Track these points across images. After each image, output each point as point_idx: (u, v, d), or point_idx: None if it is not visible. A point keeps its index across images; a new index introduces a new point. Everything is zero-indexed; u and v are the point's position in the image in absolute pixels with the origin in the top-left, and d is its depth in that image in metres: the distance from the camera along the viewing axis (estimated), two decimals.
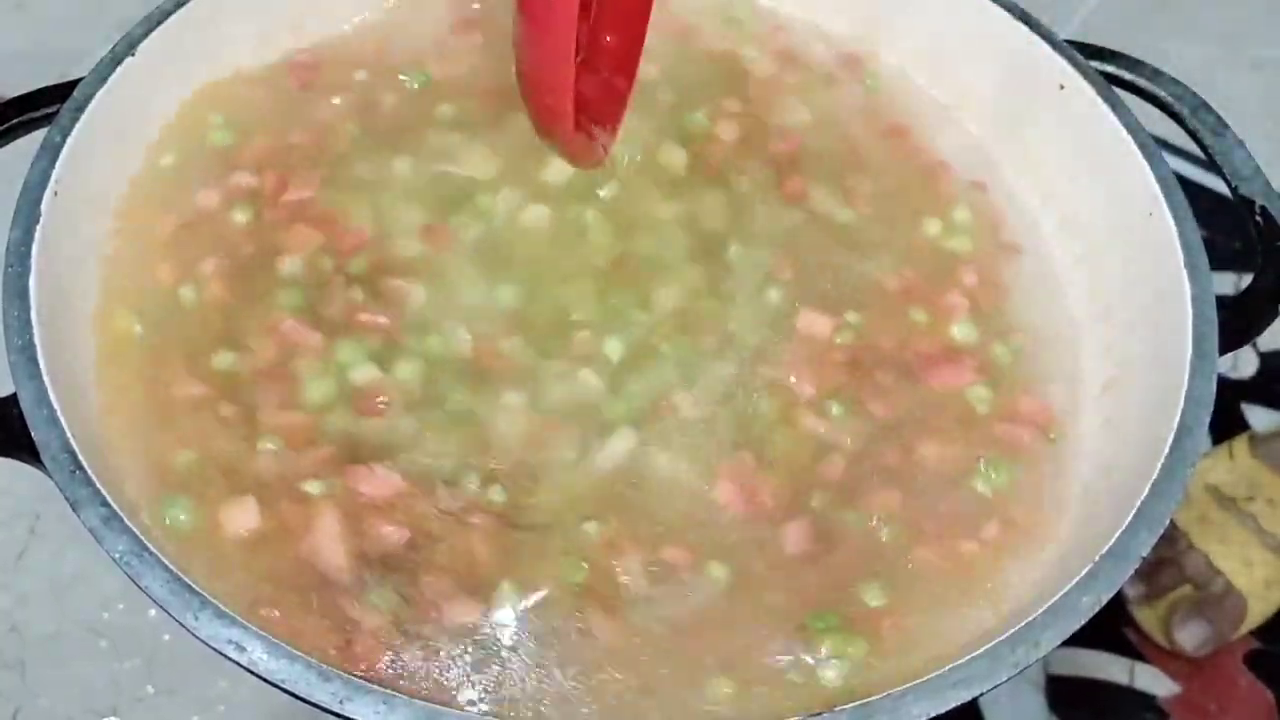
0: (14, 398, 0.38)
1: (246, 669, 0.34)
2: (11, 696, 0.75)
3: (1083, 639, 0.39)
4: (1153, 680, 0.79)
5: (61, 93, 0.45)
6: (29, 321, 0.40)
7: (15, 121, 0.45)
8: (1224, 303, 0.44)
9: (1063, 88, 0.50)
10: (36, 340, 0.39)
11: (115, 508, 0.36)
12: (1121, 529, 0.38)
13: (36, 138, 0.45)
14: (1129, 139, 0.48)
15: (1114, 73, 0.51)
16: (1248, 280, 0.46)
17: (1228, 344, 0.43)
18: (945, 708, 0.35)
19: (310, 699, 0.34)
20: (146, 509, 0.40)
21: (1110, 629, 0.80)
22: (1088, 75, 0.50)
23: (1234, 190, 0.47)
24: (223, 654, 0.34)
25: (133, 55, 0.47)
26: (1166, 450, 0.40)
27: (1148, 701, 0.78)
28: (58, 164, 0.43)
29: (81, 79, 0.46)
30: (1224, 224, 0.67)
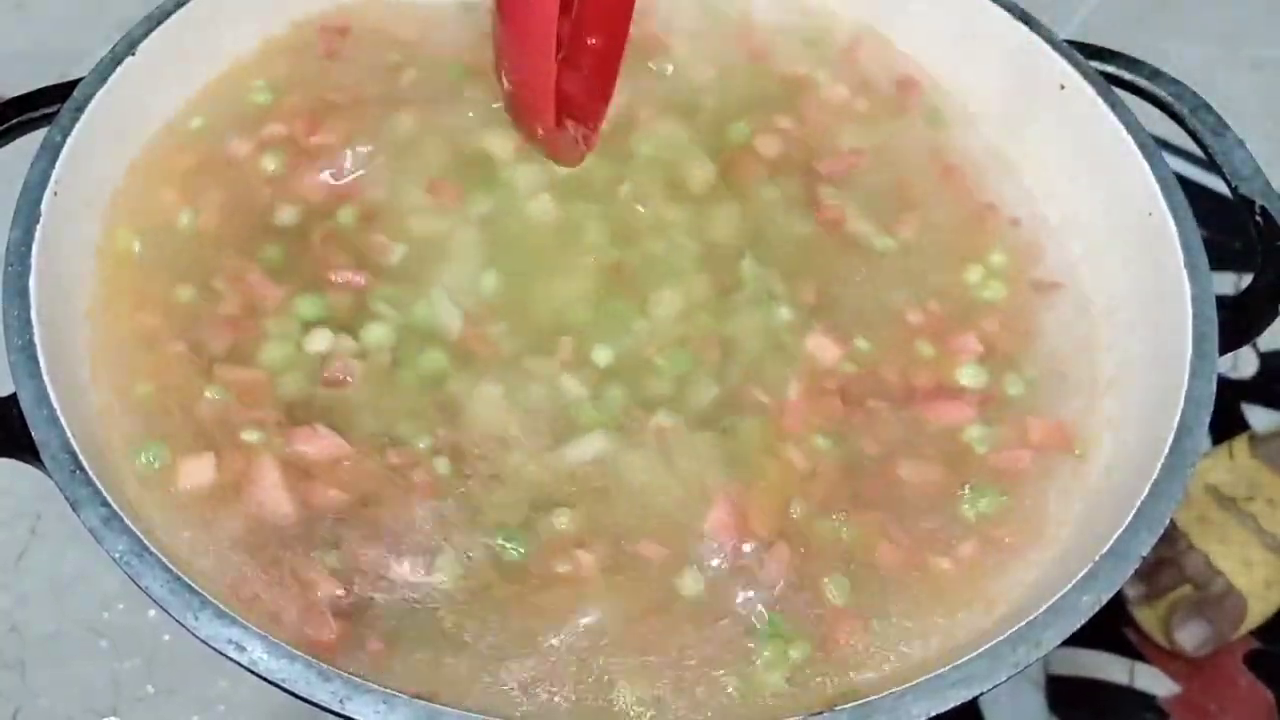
0: (14, 398, 0.38)
1: (247, 669, 0.34)
2: (11, 696, 0.75)
3: (1083, 639, 0.39)
4: (1153, 680, 0.79)
5: (61, 93, 0.45)
6: (29, 321, 0.40)
7: (15, 121, 0.46)
8: (1224, 303, 0.44)
9: (1063, 88, 0.50)
10: (36, 340, 0.39)
11: (115, 508, 0.36)
12: (1121, 529, 0.38)
13: (36, 138, 0.45)
14: (1129, 139, 0.48)
15: (1114, 73, 0.51)
16: (1248, 280, 0.46)
17: (1228, 344, 0.43)
18: (945, 707, 0.35)
19: (310, 699, 0.34)
20: (122, 450, 0.41)
21: (1110, 629, 0.80)
22: (1088, 75, 0.50)
23: (1234, 190, 0.47)
24: (223, 654, 0.34)
25: (133, 55, 0.47)
26: (1166, 450, 0.40)
27: (1148, 701, 0.78)
28: (58, 164, 0.43)
29: (81, 79, 0.46)
30: (1224, 224, 0.67)
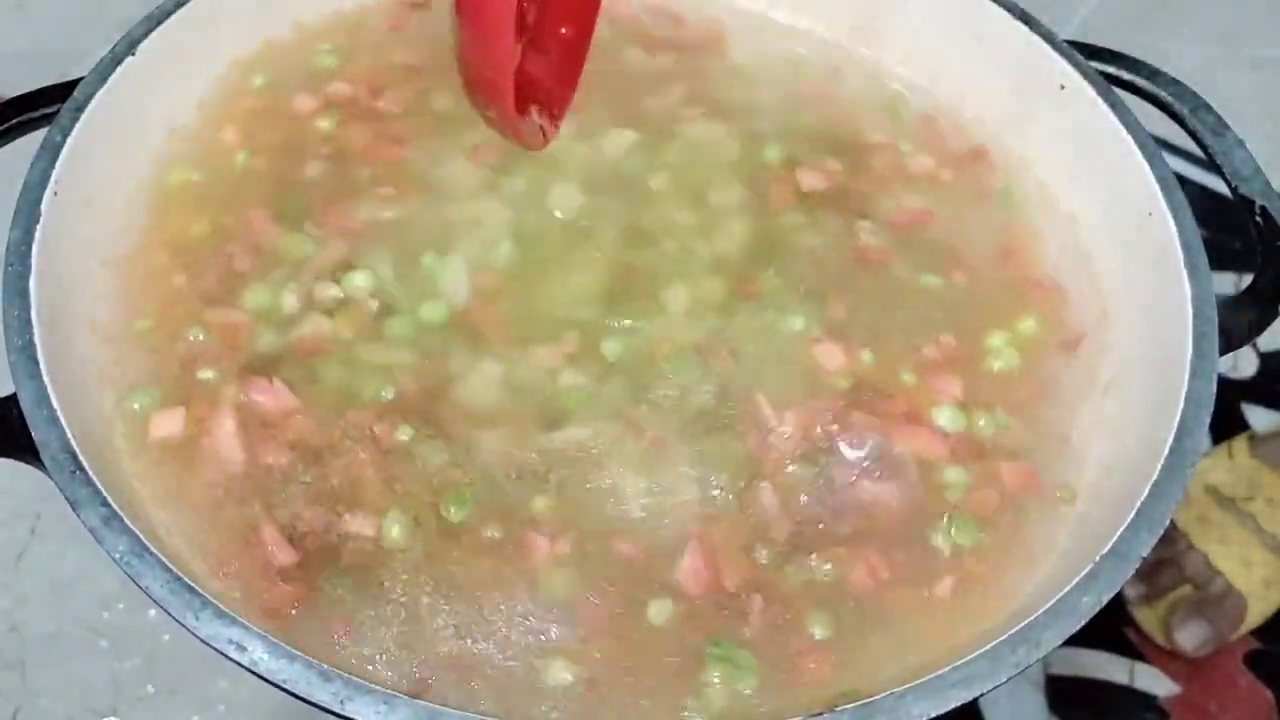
0: (14, 398, 0.38)
1: (247, 669, 0.34)
2: (11, 696, 0.75)
3: (1083, 639, 0.39)
4: (1153, 680, 0.79)
5: (61, 93, 0.45)
6: (29, 321, 0.40)
7: (15, 121, 0.45)
8: (1224, 303, 0.44)
9: (1063, 88, 0.50)
10: (36, 340, 0.39)
11: (115, 508, 0.36)
12: (1121, 529, 0.38)
13: (36, 138, 0.45)
14: (1129, 139, 0.48)
15: (1114, 73, 0.51)
16: (1248, 280, 0.46)
17: (1228, 344, 0.43)
18: (946, 708, 0.35)
19: (310, 699, 0.34)
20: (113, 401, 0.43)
21: (1110, 629, 0.80)
22: (1088, 75, 0.50)
23: (1234, 190, 0.47)
24: (223, 654, 0.34)
25: (133, 55, 0.47)
26: (1166, 450, 0.40)
27: (1148, 701, 0.78)
28: (58, 164, 0.43)
29: (81, 79, 0.46)
30: (1224, 224, 0.67)
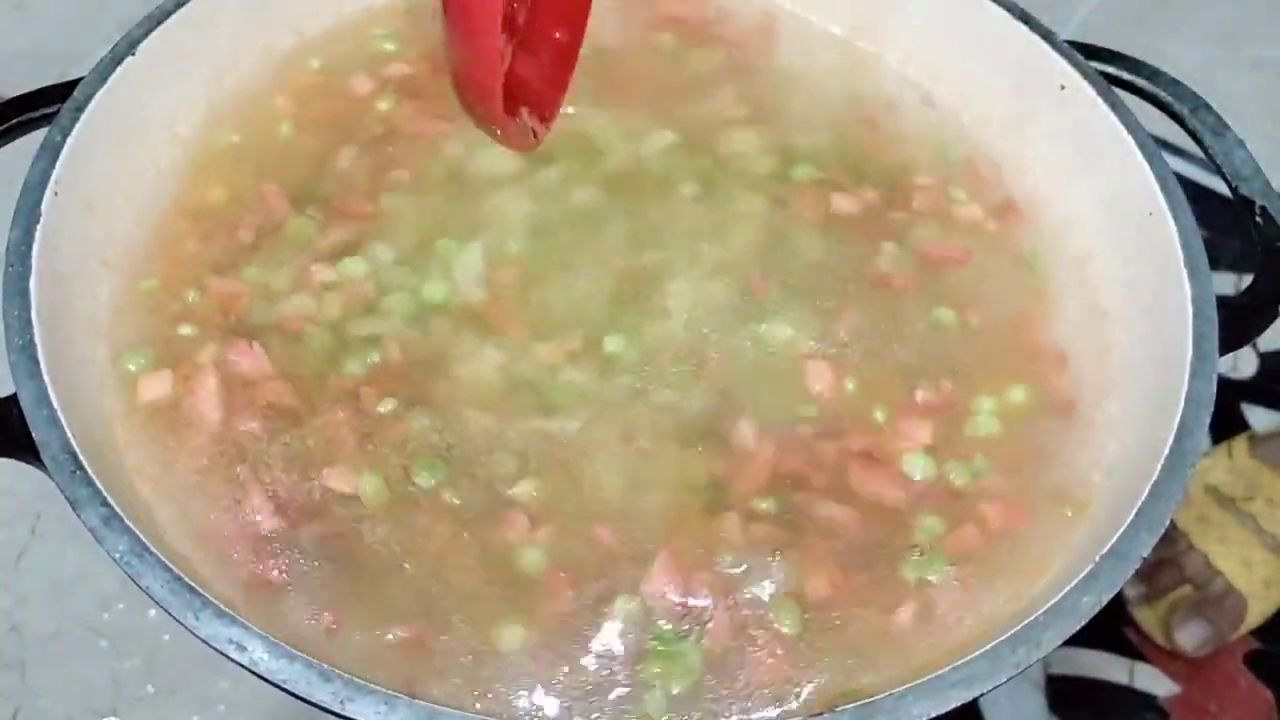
0: (14, 398, 0.38)
1: (247, 669, 0.34)
2: (11, 696, 0.75)
3: (1083, 639, 0.39)
4: (1153, 680, 0.79)
5: (61, 93, 0.45)
6: (29, 321, 0.40)
7: (15, 121, 0.45)
8: (1224, 303, 0.44)
9: (1063, 88, 0.50)
10: (36, 340, 0.39)
11: (115, 508, 0.36)
12: (1121, 529, 0.38)
13: (36, 138, 0.45)
14: (1129, 139, 0.48)
15: (1114, 73, 0.51)
16: (1248, 280, 0.46)
17: (1228, 344, 0.43)
18: (946, 708, 0.35)
19: (311, 699, 0.34)
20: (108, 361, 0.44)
21: (1110, 629, 0.80)
22: (1088, 75, 0.50)
23: (1234, 190, 0.47)
24: (223, 654, 0.34)
25: (133, 55, 0.47)
26: (1166, 450, 0.40)
27: (1148, 701, 0.78)
28: (58, 164, 0.43)
29: (81, 79, 0.46)
30: (1224, 224, 0.67)
